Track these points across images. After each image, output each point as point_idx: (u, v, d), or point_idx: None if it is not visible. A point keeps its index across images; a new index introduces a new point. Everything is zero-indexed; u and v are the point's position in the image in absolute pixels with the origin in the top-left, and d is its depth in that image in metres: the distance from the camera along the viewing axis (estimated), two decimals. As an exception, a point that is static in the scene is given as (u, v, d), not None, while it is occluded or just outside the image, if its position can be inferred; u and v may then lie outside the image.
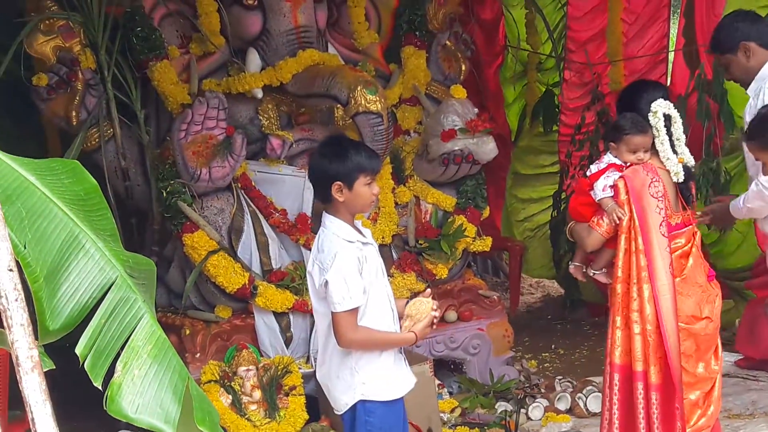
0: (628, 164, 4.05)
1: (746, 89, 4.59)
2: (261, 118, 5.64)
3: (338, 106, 5.52)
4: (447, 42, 6.30)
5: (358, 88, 5.15)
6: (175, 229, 5.29)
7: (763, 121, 4.28)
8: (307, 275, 3.71)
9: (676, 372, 3.90)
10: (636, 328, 3.99)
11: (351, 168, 3.57)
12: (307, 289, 5.29)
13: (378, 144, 5.25)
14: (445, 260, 5.75)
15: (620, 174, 4.02)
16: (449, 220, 5.84)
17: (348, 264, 3.52)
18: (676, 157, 4.06)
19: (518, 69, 7.93)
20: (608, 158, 4.08)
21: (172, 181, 5.27)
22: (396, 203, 5.76)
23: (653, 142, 4.06)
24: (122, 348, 2.26)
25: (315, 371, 3.93)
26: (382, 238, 5.59)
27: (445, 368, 5.88)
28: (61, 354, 2.47)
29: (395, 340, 3.66)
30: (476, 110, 5.82)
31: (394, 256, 5.71)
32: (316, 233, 5.33)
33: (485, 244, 5.92)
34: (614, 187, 4.02)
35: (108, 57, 5.44)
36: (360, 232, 3.67)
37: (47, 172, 2.35)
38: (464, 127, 5.65)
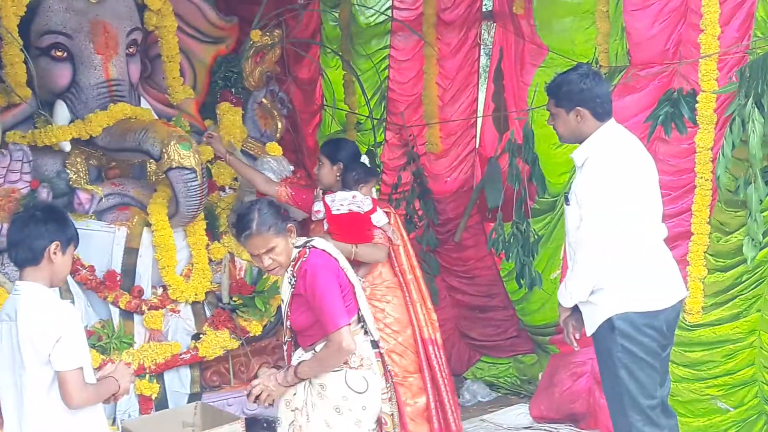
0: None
1: (563, 142, 4.52)
2: (69, 171, 5.52)
3: (151, 161, 5.45)
4: (263, 99, 6.36)
5: (172, 143, 5.11)
6: (-26, 285, 5.05)
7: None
8: (13, 341, 3.56)
9: None
10: None
11: (73, 233, 3.66)
12: (114, 347, 5.22)
13: (192, 200, 5.24)
14: (260, 317, 5.71)
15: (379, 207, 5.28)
16: (264, 276, 5.81)
17: (78, 323, 3.55)
18: None
19: (335, 128, 8.02)
20: (363, 197, 5.13)
21: (-29, 236, 5.06)
22: (210, 260, 5.69)
23: None
24: None
25: None
26: (195, 294, 5.51)
27: (258, 427, 5.80)
28: None
29: (111, 389, 3.70)
30: (292, 167, 5.85)
31: (207, 313, 5.62)
32: (126, 290, 5.32)
33: (300, 301, 5.91)
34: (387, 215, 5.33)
35: None
36: None
37: None
38: (280, 183, 5.67)
